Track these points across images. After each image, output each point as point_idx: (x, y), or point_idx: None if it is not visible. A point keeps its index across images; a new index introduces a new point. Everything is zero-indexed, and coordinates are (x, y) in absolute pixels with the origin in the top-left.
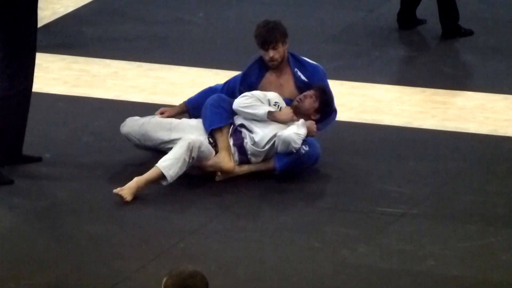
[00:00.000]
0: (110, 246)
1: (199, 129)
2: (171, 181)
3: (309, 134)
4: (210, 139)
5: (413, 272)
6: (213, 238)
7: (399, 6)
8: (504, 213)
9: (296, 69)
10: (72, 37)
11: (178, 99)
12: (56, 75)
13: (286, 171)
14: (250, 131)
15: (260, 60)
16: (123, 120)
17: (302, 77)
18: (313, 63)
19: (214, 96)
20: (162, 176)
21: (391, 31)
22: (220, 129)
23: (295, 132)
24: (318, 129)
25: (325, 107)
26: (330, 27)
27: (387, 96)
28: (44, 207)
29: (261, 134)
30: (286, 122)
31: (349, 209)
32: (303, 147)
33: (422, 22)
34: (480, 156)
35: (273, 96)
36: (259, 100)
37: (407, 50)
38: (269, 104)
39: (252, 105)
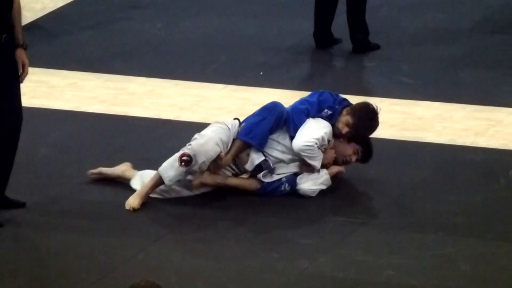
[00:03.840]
0: (69, 258)
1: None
2: (171, 183)
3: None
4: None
5: (373, 282)
6: (172, 249)
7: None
8: (463, 222)
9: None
10: (29, 48)
11: (137, 110)
12: None
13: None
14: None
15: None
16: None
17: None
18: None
19: (274, 108)
20: (162, 180)
21: (350, 40)
22: (247, 144)
23: (311, 188)
24: None
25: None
26: (289, 37)
27: None
28: (1, 218)
29: (284, 166)
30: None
31: (309, 219)
32: (286, 186)
33: (338, 41)
34: (439, 166)
35: (330, 134)
36: (319, 149)
37: (366, 60)
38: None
39: (312, 156)
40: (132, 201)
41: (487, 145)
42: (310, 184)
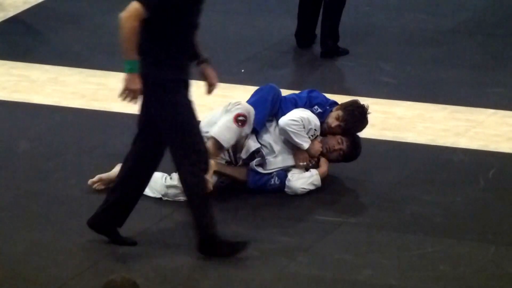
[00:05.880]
0: (48, 253)
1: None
2: (229, 146)
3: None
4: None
5: (351, 281)
6: (151, 245)
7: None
8: (443, 223)
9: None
10: (11, 42)
11: (118, 105)
12: None
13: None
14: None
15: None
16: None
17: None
18: None
19: (270, 89)
20: (220, 145)
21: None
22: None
23: (301, 187)
24: None
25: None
26: (271, 35)
27: None
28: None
29: (273, 161)
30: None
31: (288, 218)
32: (276, 181)
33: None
34: (419, 166)
35: (317, 124)
36: (304, 128)
37: (347, 60)
38: (307, 133)
39: (298, 133)
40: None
41: (468, 146)
42: (301, 182)
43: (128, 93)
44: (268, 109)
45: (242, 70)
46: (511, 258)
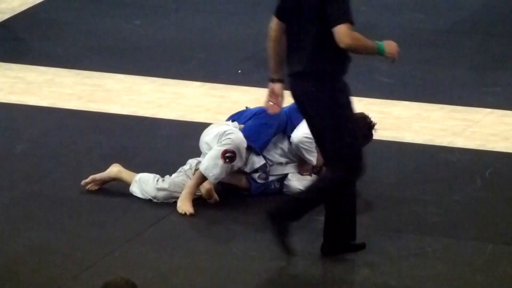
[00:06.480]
0: (45, 255)
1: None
2: (216, 181)
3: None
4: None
5: (349, 280)
6: (149, 246)
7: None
8: (441, 222)
9: None
10: (7, 44)
11: (115, 107)
12: None
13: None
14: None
15: None
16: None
17: None
18: None
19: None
20: (205, 178)
21: None
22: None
23: (299, 188)
24: None
25: None
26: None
27: None
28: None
29: (275, 168)
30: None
31: None
32: (276, 185)
33: None
34: (417, 166)
35: None
36: (315, 142)
37: None
38: (315, 147)
39: (309, 150)
40: (185, 207)
41: (465, 146)
42: (299, 184)
43: (395, 53)
44: (271, 135)
45: (239, 71)
46: (509, 257)
